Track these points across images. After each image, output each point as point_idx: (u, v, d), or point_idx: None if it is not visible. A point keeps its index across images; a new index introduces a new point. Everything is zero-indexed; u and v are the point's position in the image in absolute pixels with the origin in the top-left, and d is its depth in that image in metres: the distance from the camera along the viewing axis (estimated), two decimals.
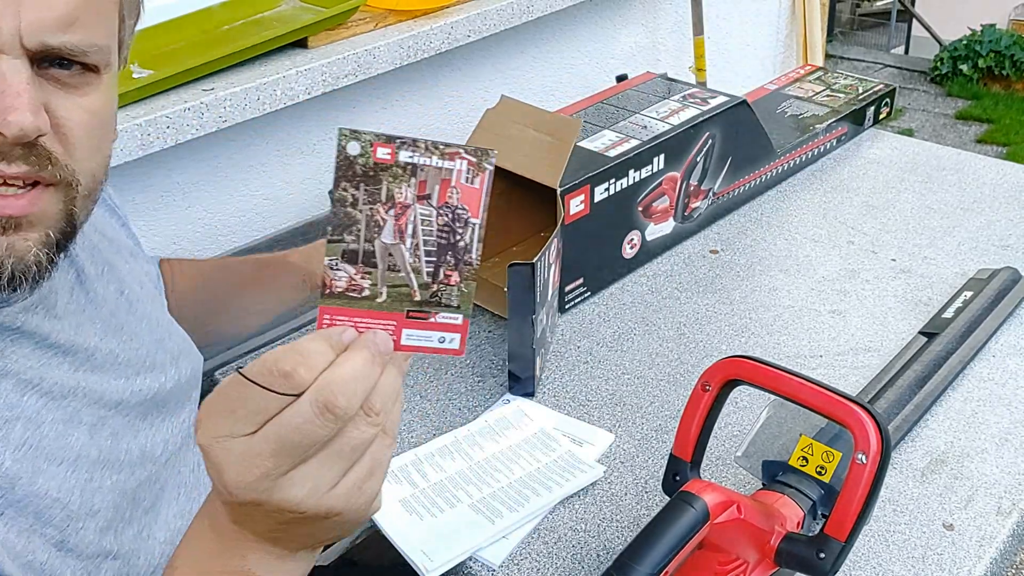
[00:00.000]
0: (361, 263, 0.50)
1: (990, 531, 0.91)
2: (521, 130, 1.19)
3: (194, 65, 1.31)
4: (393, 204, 0.49)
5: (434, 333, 0.52)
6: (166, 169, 1.40)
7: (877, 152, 1.66)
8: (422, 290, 0.51)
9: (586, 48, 2.04)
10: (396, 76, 1.65)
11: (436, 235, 0.50)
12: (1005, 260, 1.33)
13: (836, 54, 5.08)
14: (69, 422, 0.68)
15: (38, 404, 0.66)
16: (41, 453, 0.65)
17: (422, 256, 0.50)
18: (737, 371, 0.81)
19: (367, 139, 0.48)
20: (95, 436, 0.70)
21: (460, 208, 0.50)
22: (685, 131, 1.33)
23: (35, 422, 0.66)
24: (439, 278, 0.51)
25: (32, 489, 0.64)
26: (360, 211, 0.49)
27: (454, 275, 0.51)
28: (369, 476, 0.53)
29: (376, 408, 0.51)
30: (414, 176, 0.49)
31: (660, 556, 0.72)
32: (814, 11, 2.62)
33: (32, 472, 0.64)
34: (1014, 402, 1.08)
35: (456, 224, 0.50)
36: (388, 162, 0.48)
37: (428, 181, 0.49)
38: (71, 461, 0.67)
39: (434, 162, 0.49)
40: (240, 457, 0.50)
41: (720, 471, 1.00)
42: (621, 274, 1.34)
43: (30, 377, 0.66)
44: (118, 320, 0.77)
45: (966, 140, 4.11)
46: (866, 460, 0.72)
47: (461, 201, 0.50)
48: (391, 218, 0.49)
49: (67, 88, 0.61)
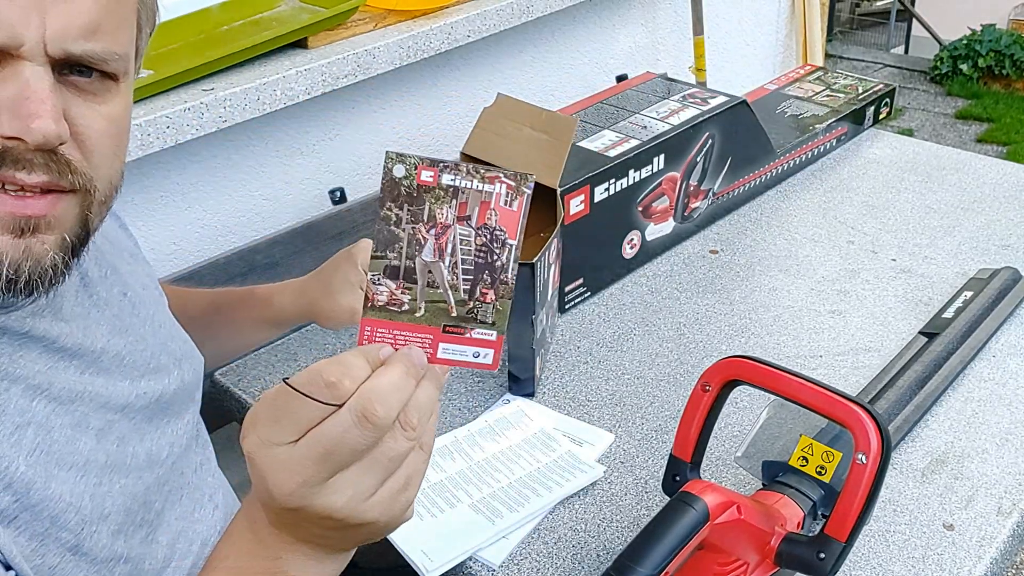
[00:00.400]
0: (402, 279, 0.53)
1: (990, 531, 0.91)
2: (518, 129, 1.19)
3: (194, 65, 1.31)
4: (435, 224, 0.52)
5: (469, 348, 0.54)
6: (165, 169, 1.40)
7: (877, 152, 1.66)
8: (459, 306, 0.54)
9: (586, 48, 2.04)
10: (396, 76, 1.65)
11: (474, 254, 0.53)
12: (1005, 260, 1.33)
13: (836, 54, 5.08)
14: (77, 427, 0.68)
15: (47, 409, 0.66)
16: (52, 458, 0.65)
17: (460, 274, 0.53)
18: (737, 371, 0.81)
19: (412, 162, 0.51)
20: (102, 441, 0.70)
21: (498, 229, 0.53)
22: (685, 131, 1.33)
23: (45, 427, 0.66)
24: (475, 295, 0.53)
25: (47, 494, 0.64)
26: (403, 230, 0.52)
27: (490, 293, 0.54)
28: (405, 487, 0.55)
29: (412, 422, 0.53)
30: (455, 198, 0.52)
31: (660, 557, 0.72)
32: (814, 11, 2.62)
33: (45, 477, 0.64)
34: (1014, 402, 1.08)
35: (494, 244, 0.53)
36: (431, 184, 0.51)
37: (468, 203, 0.52)
38: (80, 466, 0.67)
39: (475, 185, 0.52)
40: (283, 464, 0.52)
41: (720, 471, 1.00)
42: (621, 274, 1.34)
43: (39, 382, 0.66)
44: (123, 323, 0.77)
45: (966, 140, 4.11)
46: (866, 460, 0.72)
47: (499, 223, 0.52)
48: (432, 237, 0.52)
49: (86, 95, 0.61)
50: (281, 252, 1.47)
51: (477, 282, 0.53)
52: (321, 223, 1.51)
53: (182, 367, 0.83)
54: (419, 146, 1.76)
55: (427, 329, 0.54)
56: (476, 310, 0.54)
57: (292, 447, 0.52)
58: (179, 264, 1.43)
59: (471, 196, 0.52)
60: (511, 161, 1.19)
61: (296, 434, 0.52)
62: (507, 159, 1.19)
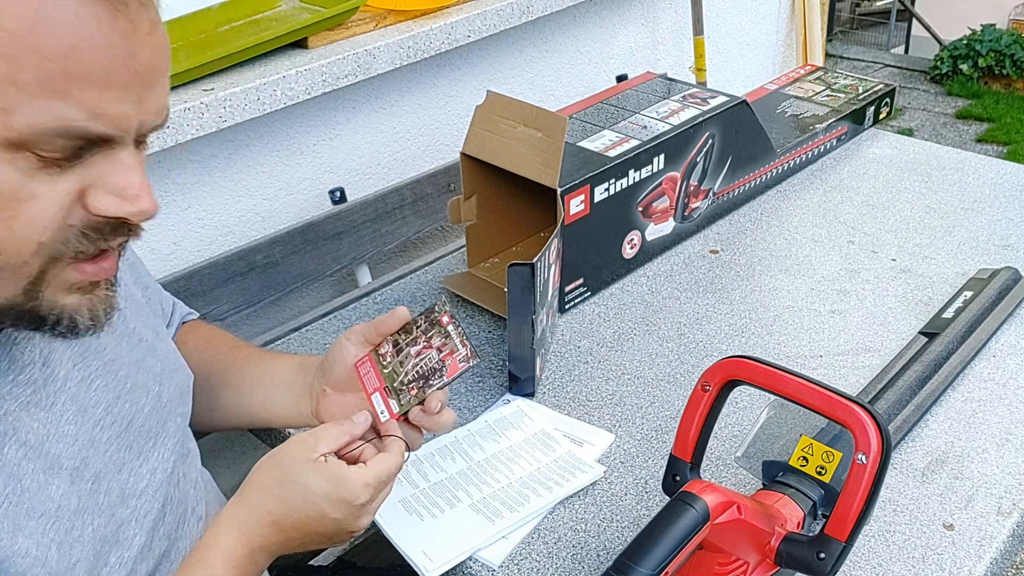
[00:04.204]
0: (394, 350, 0.85)
1: (990, 531, 0.91)
2: (512, 127, 1.18)
3: (194, 65, 1.31)
4: (427, 341, 0.84)
5: (382, 404, 0.85)
6: (165, 169, 1.40)
7: (877, 152, 1.66)
8: (398, 383, 0.85)
9: (586, 48, 2.04)
10: (396, 76, 1.65)
11: (427, 370, 0.83)
12: (1005, 260, 1.33)
13: (836, 54, 5.08)
14: (49, 470, 0.66)
15: (18, 455, 0.65)
16: (21, 508, 0.64)
17: (413, 371, 0.84)
18: (737, 371, 0.81)
19: (445, 308, 0.84)
20: (76, 482, 0.68)
21: (445, 368, 0.83)
22: (685, 131, 1.33)
23: (15, 476, 0.64)
24: (408, 385, 0.84)
25: (13, 550, 0.62)
26: (415, 331, 0.85)
27: (414, 391, 0.83)
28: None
29: None
30: (444, 338, 0.83)
31: (660, 557, 0.72)
32: (814, 11, 2.62)
33: (12, 530, 0.63)
34: (1014, 402, 1.08)
35: (437, 372, 0.83)
36: (443, 325, 0.84)
37: (447, 345, 0.83)
38: (51, 513, 0.66)
39: (456, 340, 0.83)
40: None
41: (720, 471, 1.00)
42: (621, 274, 1.34)
43: (4, 428, 0.64)
44: (98, 342, 0.75)
45: (966, 139, 4.10)
46: (866, 460, 0.72)
47: (448, 365, 0.83)
48: (421, 344, 0.84)
49: None
50: (281, 252, 1.47)
51: (415, 382, 0.84)
52: (321, 223, 1.51)
53: (163, 383, 0.81)
54: (419, 146, 1.76)
55: (381, 380, 0.85)
56: (401, 393, 0.84)
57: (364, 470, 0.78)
58: (179, 264, 1.43)
59: (450, 343, 0.83)
60: (510, 162, 1.19)
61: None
62: (506, 159, 1.19)
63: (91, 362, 0.74)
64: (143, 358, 0.80)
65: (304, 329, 1.25)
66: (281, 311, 1.56)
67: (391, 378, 0.85)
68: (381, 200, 1.59)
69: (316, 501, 0.76)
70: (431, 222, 1.67)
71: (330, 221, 1.53)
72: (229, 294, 1.41)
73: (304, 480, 0.76)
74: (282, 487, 0.77)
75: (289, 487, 0.76)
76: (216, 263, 1.40)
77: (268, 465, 0.79)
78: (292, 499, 0.76)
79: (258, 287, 1.45)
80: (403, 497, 0.95)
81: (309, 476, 0.76)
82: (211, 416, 0.95)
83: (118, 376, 0.76)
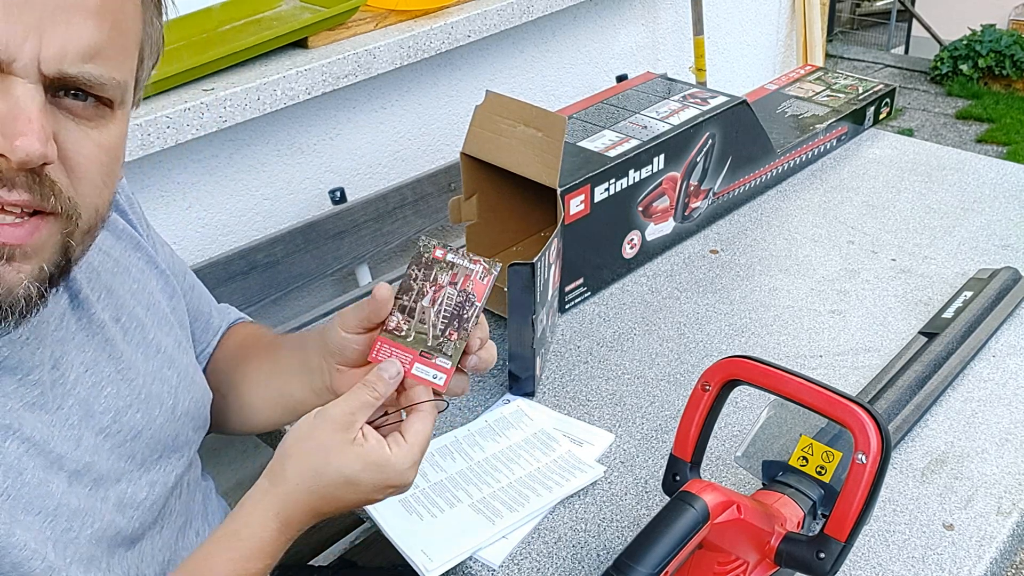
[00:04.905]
0: (407, 315, 0.76)
1: (990, 531, 0.91)
2: (512, 126, 1.19)
3: (194, 65, 1.31)
4: (435, 284, 0.76)
5: (430, 369, 0.75)
6: (166, 169, 1.40)
7: (877, 152, 1.66)
8: (433, 339, 0.76)
9: (586, 48, 2.04)
10: (396, 76, 1.65)
11: (453, 308, 0.76)
12: (1005, 260, 1.33)
13: (836, 54, 5.08)
14: (50, 468, 0.66)
15: (19, 451, 0.64)
16: (19, 503, 0.63)
17: (439, 318, 0.76)
18: (737, 371, 0.81)
19: (431, 244, 0.76)
20: (74, 484, 0.68)
21: (471, 294, 0.76)
22: (685, 131, 1.33)
23: (16, 469, 0.64)
24: (446, 334, 0.76)
25: (10, 541, 0.62)
26: (415, 284, 0.76)
27: (455, 335, 0.75)
28: None
29: None
30: (451, 270, 0.76)
31: (660, 556, 0.72)
32: (814, 11, 2.63)
33: (10, 523, 0.62)
34: (1014, 402, 1.08)
35: (466, 304, 0.76)
36: (440, 259, 0.76)
37: (458, 274, 0.76)
38: (50, 511, 0.65)
39: (464, 263, 0.76)
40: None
41: (720, 471, 1.00)
42: (621, 274, 1.34)
43: (9, 422, 0.64)
44: (115, 349, 0.74)
45: (966, 140, 4.10)
46: (866, 460, 0.72)
47: (472, 290, 0.76)
48: (431, 291, 0.76)
49: (79, 120, 0.59)
50: (282, 251, 1.47)
51: (449, 326, 0.76)
52: (321, 222, 1.52)
53: (177, 396, 0.79)
54: (419, 145, 1.76)
55: (411, 351, 0.76)
56: (443, 344, 0.75)
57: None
58: None
59: (460, 270, 0.76)
60: (510, 161, 1.19)
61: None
62: (506, 159, 1.19)
63: (104, 368, 0.73)
64: (160, 369, 0.78)
65: (305, 329, 1.25)
66: (282, 310, 1.57)
67: (421, 341, 0.75)
68: (382, 200, 1.59)
69: (361, 489, 0.71)
70: (431, 222, 1.67)
71: (331, 220, 1.53)
72: (230, 293, 1.41)
73: (348, 473, 0.70)
74: (320, 478, 0.71)
75: (328, 476, 0.71)
76: (217, 262, 1.41)
77: (301, 451, 0.72)
78: (335, 493, 0.71)
79: (259, 286, 1.45)
80: (403, 497, 0.95)
81: (351, 464, 0.70)
82: (250, 413, 0.91)
83: (132, 385, 0.75)
